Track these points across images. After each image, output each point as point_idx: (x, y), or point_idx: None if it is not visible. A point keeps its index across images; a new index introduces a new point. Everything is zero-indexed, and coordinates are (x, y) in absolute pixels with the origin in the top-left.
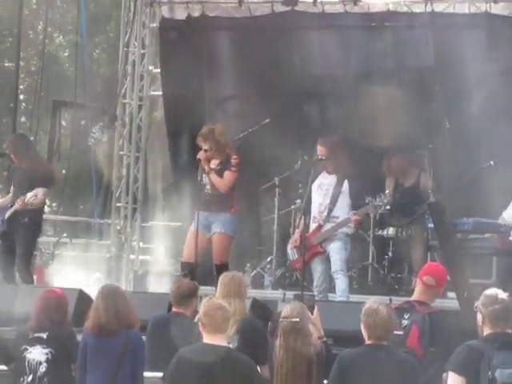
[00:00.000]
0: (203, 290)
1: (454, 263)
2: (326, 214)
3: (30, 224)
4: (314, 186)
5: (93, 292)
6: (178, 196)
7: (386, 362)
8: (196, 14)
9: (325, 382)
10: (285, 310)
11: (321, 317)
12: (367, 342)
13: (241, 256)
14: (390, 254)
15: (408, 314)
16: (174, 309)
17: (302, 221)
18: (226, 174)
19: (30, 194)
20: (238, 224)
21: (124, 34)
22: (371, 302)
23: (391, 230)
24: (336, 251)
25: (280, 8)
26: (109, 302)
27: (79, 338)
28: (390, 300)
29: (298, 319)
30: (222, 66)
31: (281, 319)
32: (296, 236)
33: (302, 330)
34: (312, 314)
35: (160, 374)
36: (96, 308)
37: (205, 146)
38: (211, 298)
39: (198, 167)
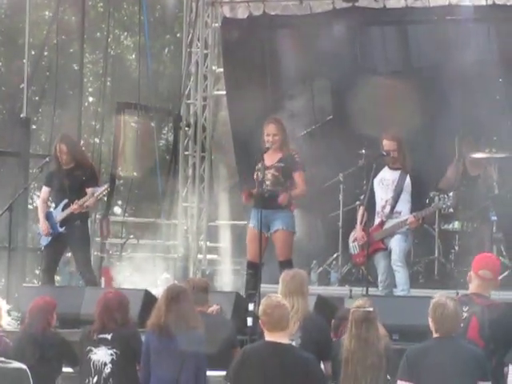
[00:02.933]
0: (270, 288)
1: None
2: (388, 209)
3: (82, 226)
4: (376, 181)
5: (160, 292)
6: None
7: (455, 355)
8: (257, 12)
9: (388, 377)
10: (357, 301)
11: (386, 312)
12: (435, 335)
13: (307, 253)
14: (456, 247)
15: (467, 307)
16: None
17: (365, 216)
18: (299, 175)
19: (88, 195)
20: (304, 221)
21: (187, 35)
22: (439, 295)
23: (457, 224)
24: (395, 242)
25: (341, 4)
26: (171, 304)
27: (144, 338)
28: (457, 294)
29: (371, 309)
30: (285, 64)
31: (353, 309)
32: (358, 231)
33: (374, 322)
34: None
35: (223, 373)
36: (158, 308)
37: (273, 131)
38: (270, 296)
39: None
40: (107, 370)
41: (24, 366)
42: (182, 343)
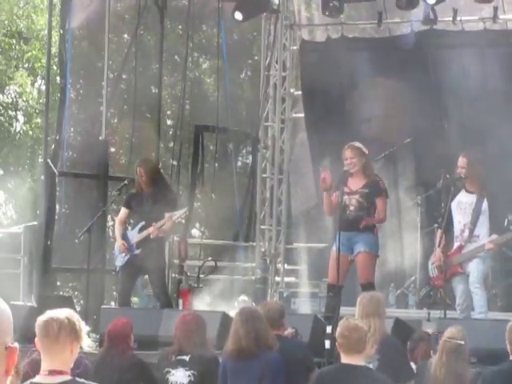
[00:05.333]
0: (350, 311)
1: None
2: (466, 233)
3: (158, 249)
4: (454, 205)
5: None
6: (322, 217)
7: None
8: (335, 35)
9: None
10: (449, 330)
11: None
12: (511, 357)
13: (385, 276)
14: None
15: None
16: None
17: (443, 239)
18: (381, 202)
19: (166, 219)
20: (382, 244)
21: (265, 58)
22: None
23: None
24: (474, 265)
25: (419, 27)
26: (248, 325)
27: (221, 360)
28: None
29: (463, 342)
30: (363, 87)
31: (445, 339)
32: (438, 254)
33: (464, 354)
34: None
35: None
36: (236, 332)
37: (350, 155)
38: (347, 318)
39: (337, 188)
40: None
41: None
42: (260, 364)
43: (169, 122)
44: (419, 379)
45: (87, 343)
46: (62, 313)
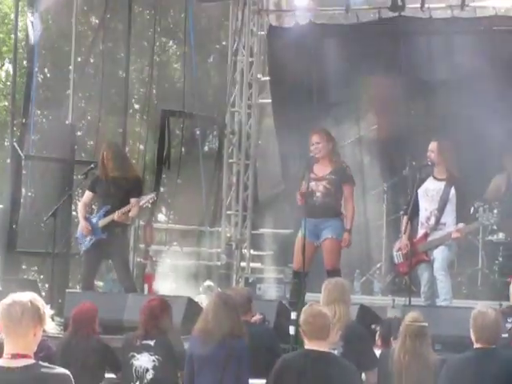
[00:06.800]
0: (316, 297)
1: None
2: (433, 221)
3: (122, 233)
4: (421, 191)
5: (203, 300)
6: (288, 203)
7: (494, 366)
8: (304, 21)
9: None
10: (411, 314)
11: (428, 322)
12: (475, 345)
13: (350, 262)
14: (500, 258)
15: (511, 318)
16: None
17: (409, 225)
18: (349, 188)
19: (131, 205)
20: None
21: (232, 43)
22: (480, 305)
23: (501, 235)
24: (439, 252)
25: (387, 14)
26: (218, 311)
27: (187, 345)
28: (501, 305)
29: (426, 324)
30: (330, 73)
31: (408, 322)
32: (403, 241)
33: (427, 336)
34: None
35: (263, 381)
36: (206, 314)
37: (316, 139)
38: (311, 304)
39: (303, 175)
40: (149, 376)
41: (67, 372)
42: (225, 350)
43: (136, 107)
44: (383, 366)
45: (51, 326)
46: (26, 296)
